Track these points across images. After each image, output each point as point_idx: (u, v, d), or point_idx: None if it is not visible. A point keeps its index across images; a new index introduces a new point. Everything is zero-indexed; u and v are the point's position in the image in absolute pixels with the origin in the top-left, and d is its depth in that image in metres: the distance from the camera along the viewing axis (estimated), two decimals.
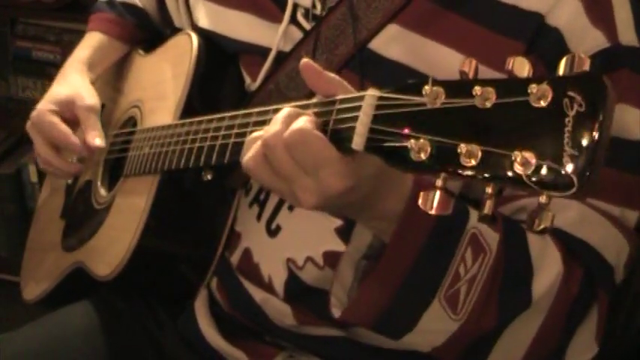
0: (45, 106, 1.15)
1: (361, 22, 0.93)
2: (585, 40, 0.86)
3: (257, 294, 1.01)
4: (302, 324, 0.99)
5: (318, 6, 0.98)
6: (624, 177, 0.89)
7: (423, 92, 0.63)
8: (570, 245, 0.87)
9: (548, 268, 0.85)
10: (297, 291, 0.98)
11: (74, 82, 1.18)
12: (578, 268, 0.87)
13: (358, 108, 0.68)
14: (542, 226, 0.58)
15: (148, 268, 1.06)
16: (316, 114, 0.73)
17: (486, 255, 0.82)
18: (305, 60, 0.75)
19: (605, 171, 0.85)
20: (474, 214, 0.83)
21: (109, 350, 1.08)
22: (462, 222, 0.82)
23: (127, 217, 1.07)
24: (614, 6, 0.88)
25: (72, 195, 1.29)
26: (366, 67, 0.93)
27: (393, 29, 0.92)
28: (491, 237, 0.83)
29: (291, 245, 0.98)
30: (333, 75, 0.75)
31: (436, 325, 0.84)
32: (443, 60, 0.89)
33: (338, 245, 0.94)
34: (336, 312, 0.87)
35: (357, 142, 0.67)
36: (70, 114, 1.14)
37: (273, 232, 1.00)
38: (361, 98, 0.69)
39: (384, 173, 0.73)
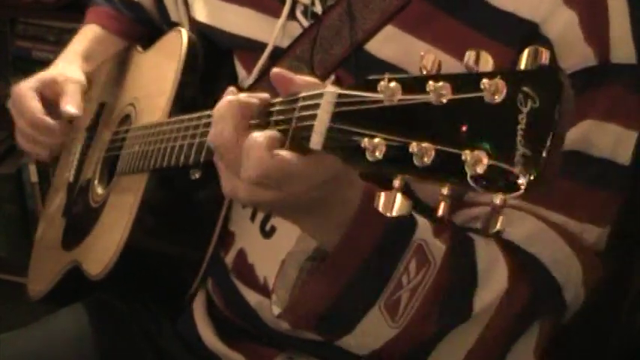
0: (25, 83, 1.15)
1: (357, 22, 0.92)
2: (573, 55, 0.85)
3: (252, 297, 1.00)
4: (294, 328, 0.98)
5: (317, 3, 0.98)
6: (587, 193, 0.87)
7: (379, 89, 0.60)
8: (521, 260, 0.86)
9: (492, 283, 0.84)
10: None
11: (62, 66, 1.18)
12: (525, 285, 0.86)
13: (318, 106, 0.66)
14: (495, 229, 0.55)
15: (139, 267, 1.06)
16: (280, 112, 0.72)
17: (430, 266, 0.81)
18: (275, 70, 0.73)
19: (567, 184, 0.84)
20: (422, 225, 0.82)
21: (107, 352, 1.07)
22: (409, 234, 0.81)
23: (117, 215, 1.07)
24: (610, 21, 0.87)
25: (73, 193, 1.30)
26: (361, 68, 0.92)
27: (389, 30, 0.91)
28: (438, 249, 0.82)
29: (286, 246, 0.97)
30: (305, 78, 0.74)
31: (374, 330, 0.83)
32: None
33: None
34: (276, 310, 0.86)
35: (315, 141, 0.65)
36: (51, 92, 1.13)
37: (267, 233, 1.00)
38: (321, 96, 0.66)
39: (336, 178, 0.72)
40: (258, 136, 0.68)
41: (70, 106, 1.10)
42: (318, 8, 0.97)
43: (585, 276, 0.90)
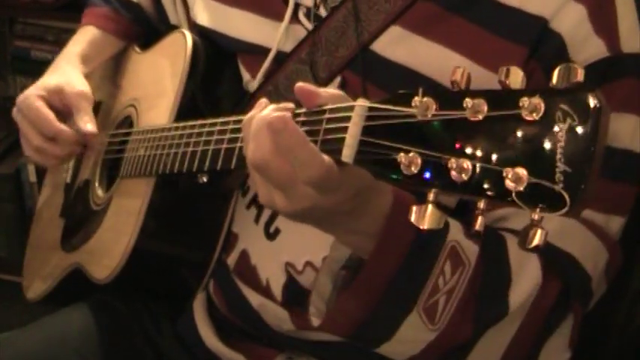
0: (32, 91, 1.13)
1: (362, 23, 0.92)
2: (585, 49, 0.85)
3: (254, 299, 1.01)
4: (300, 329, 0.98)
5: (321, 6, 0.97)
6: (612, 185, 0.88)
7: (413, 104, 0.61)
8: (551, 255, 0.87)
9: (526, 278, 0.85)
10: (296, 295, 0.97)
11: (65, 71, 1.17)
12: (557, 279, 0.87)
13: (348, 118, 0.66)
14: (534, 244, 0.56)
15: (145, 270, 1.06)
16: (305, 123, 0.72)
17: (465, 268, 0.82)
18: (299, 84, 0.73)
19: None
20: (453, 227, 0.82)
21: (107, 352, 1.07)
22: (442, 236, 0.81)
23: (123, 219, 1.07)
24: (618, 13, 0.87)
25: (71, 194, 1.29)
26: (369, 69, 0.92)
27: (396, 31, 0.91)
28: (471, 250, 0.83)
29: (290, 249, 0.98)
30: (330, 91, 0.73)
31: (414, 335, 0.83)
32: (446, 63, 0.87)
33: None
34: (315, 321, 0.86)
35: (347, 154, 0.66)
36: (58, 102, 1.12)
37: (271, 235, 1.00)
38: (351, 108, 0.67)
39: (368, 188, 0.72)
40: (298, 140, 0.68)
41: (91, 124, 1.10)
42: (322, 11, 0.97)
43: (609, 265, 0.91)
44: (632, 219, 0.94)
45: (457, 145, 0.57)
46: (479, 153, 0.56)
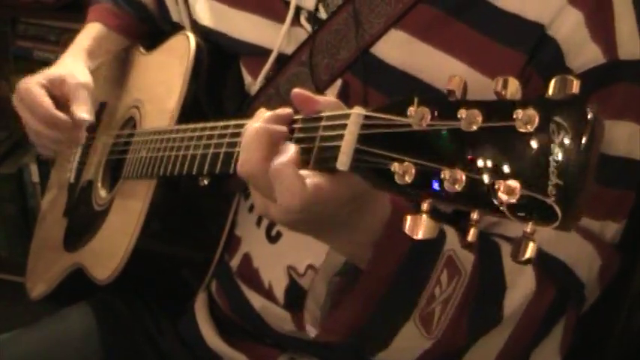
0: (34, 79, 1.14)
1: (363, 27, 0.92)
2: (581, 55, 0.85)
3: (256, 301, 1.01)
4: (302, 329, 0.98)
5: (321, 9, 0.98)
6: (607, 192, 0.88)
7: (408, 113, 0.60)
8: (545, 263, 0.87)
9: (520, 286, 0.85)
10: (298, 297, 0.96)
11: (69, 64, 1.18)
12: (551, 286, 0.87)
13: (344, 126, 0.66)
14: (525, 257, 0.55)
15: (146, 271, 1.06)
16: (302, 129, 0.72)
17: (461, 277, 0.82)
18: (296, 90, 0.73)
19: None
20: (450, 236, 0.82)
21: (108, 352, 1.08)
22: (439, 246, 0.81)
23: (124, 220, 1.07)
24: (616, 19, 0.87)
25: (74, 194, 1.30)
26: (369, 72, 0.92)
27: (396, 35, 0.91)
28: (467, 258, 0.83)
29: (292, 252, 0.98)
30: (327, 98, 0.73)
31: (410, 343, 0.83)
32: (444, 68, 0.87)
33: None
34: (311, 331, 0.86)
35: (343, 161, 0.65)
36: (59, 92, 1.13)
37: (273, 238, 1.00)
38: (347, 116, 0.66)
39: (364, 196, 0.72)
40: (286, 165, 0.67)
41: (85, 113, 1.10)
42: (323, 14, 0.97)
43: (603, 271, 0.91)
44: (632, 222, 0.94)
45: (451, 156, 0.57)
46: (472, 164, 0.56)
